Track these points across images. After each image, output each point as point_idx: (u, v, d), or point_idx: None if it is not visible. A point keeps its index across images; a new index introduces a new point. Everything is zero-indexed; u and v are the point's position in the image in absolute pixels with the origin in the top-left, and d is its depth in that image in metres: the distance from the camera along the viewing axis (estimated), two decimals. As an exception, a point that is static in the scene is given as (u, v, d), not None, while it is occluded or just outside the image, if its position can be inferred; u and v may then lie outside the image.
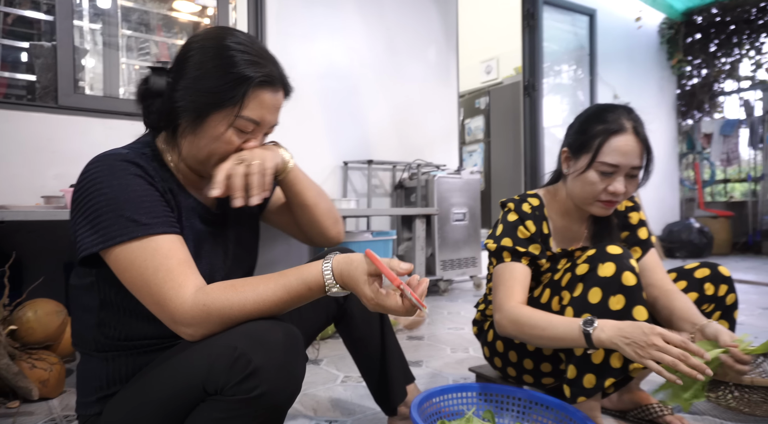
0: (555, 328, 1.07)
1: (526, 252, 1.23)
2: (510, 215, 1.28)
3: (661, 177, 5.86)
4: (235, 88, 0.81)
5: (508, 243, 1.23)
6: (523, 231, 1.24)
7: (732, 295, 1.29)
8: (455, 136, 3.99)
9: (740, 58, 5.69)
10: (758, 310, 2.73)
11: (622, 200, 1.21)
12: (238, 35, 0.87)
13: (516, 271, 1.21)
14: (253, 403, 0.70)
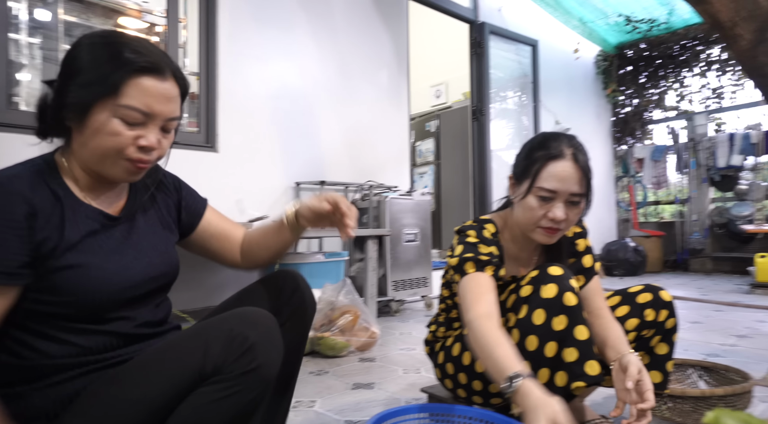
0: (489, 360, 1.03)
1: (489, 261, 1.21)
2: (469, 238, 1.28)
3: (600, 199, 6.19)
4: (111, 75, 0.80)
5: (469, 254, 1.22)
6: (483, 248, 1.24)
7: (672, 320, 1.35)
8: (406, 158, 4.07)
9: (666, 90, 6.16)
10: (687, 324, 2.92)
11: (565, 228, 1.22)
12: (127, 34, 0.87)
13: (481, 280, 1.18)
14: (251, 376, 0.76)
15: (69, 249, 0.81)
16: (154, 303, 0.97)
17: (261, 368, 0.78)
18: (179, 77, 0.88)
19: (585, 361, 1.12)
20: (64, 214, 0.83)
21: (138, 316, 0.91)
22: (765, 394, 1.68)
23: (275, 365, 0.81)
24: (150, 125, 0.84)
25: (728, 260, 5.62)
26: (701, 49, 5.81)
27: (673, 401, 1.41)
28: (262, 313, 0.84)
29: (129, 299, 0.89)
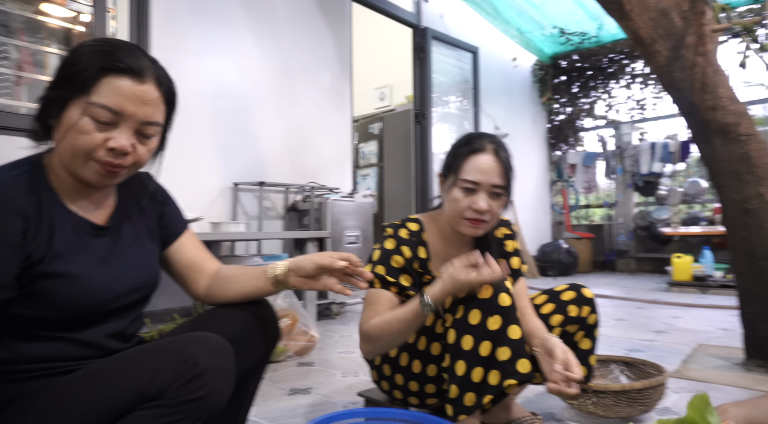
0: (400, 314, 1.17)
1: (396, 282, 1.27)
2: (388, 241, 1.33)
3: (535, 202, 6.46)
4: (85, 72, 0.79)
5: (380, 270, 1.28)
6: (397, 260, 1.29)
7: (594, 315, 1.42)
8: (349, 159, 4.06)
9: (596, 100, 6.53)
10: (613, 321, 3.09)
11: (490, 219, 1.28)
12: (122, 41, 0.86)
13: (382, 298, 1.26)
14: (195, 404, 0.72)
15: (55, 259, 0.81)
16: (131, 316, 0.94)
17: (208, 397, 0.74)
18: (163, 83, 0.86)
19: (517, 359, 1.16)
20: (52, 223, 0.82)
21: (110, 327, 0.89)
22: (677, 385, 1.80)
23: (224, 396, 0.77)
24: (122, 127, 0.81)
25: (650, 261, 6.02)
26: (627, 62, 6.20)
27: (597, 396, 1.49)
28: (217, 339, 0.81)
29: (109, 311, 0.88)
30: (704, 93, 1.89)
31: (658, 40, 1.93)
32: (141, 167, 0.89)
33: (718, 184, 2.00)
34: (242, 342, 0.97)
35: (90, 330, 0.86)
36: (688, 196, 5.67)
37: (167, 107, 0.89)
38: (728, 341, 2.46)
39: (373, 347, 1.23)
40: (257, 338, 1.01)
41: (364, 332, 1.23)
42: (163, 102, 0.86)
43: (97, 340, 0.87)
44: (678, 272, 4.52)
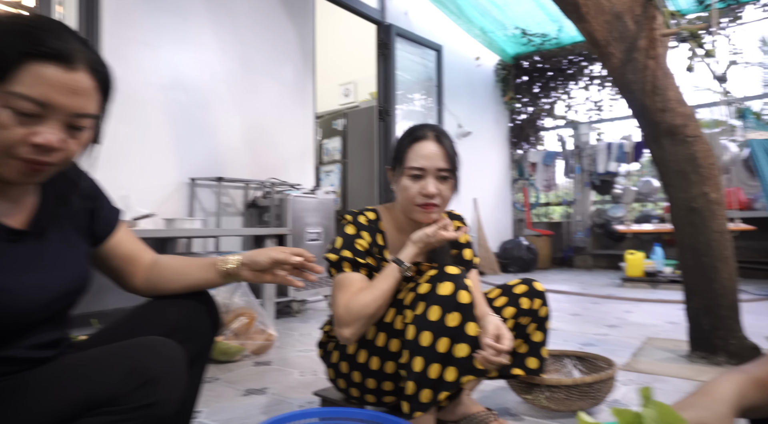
0: (378, 284, 1.23)
1: (366, 264, 1.30)
2: (348, 227, 1.35)
3: (497, 200, 6.56)
4: (2, 57, 0.69)
5: (347, 254, 1.30)
6: (360, 243, 1.32)
7: (545, 308, 1.47)
8: (311, 155, 4.01)
9: (556, 100, 6.69)
10: (568, 316, 3.17)
11: (441, 203, 1.31)
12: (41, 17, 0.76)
13: (355, 279, 1.28)
14: (145, 411, 0.70)
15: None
16: (60, 321, 0.87)
17: (158, 404, 0.71)
18: (98, 70, 0.76)
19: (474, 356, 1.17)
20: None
21: (38, 339, 0.82)
22: (626, 378, 1.86)
23: (175, 402, 0.75)
24: (49, 120, 0.71)
25: (605, 257, 6.22)
26: (585, 64, 6.37)
27: (550, 390, 1.51)
28: (168, 345, 0.77)
29: (34, 322, 0.80)
30: (655, 95, 1.96)
31: (612, 43, 1.98)
32: (70, 162, 0.80)
33: (667, 183, 2.07)
34: (182, 331, 0.94)
35: (14, 344, 0.78)
36: (641, 195, 5.88)
37: (102, 96, 0.79)
38: (675, 334, 2.57)
39: (356, 326, 1.22)
40: (197, 326, 0.98)
41: (345, 314, 1.23)
42: (97, 91, 0.77)
43: (22, 353, 0.79)
44: (631, 268, 4.68)
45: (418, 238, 1.27)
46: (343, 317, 1.23)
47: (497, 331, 1.21)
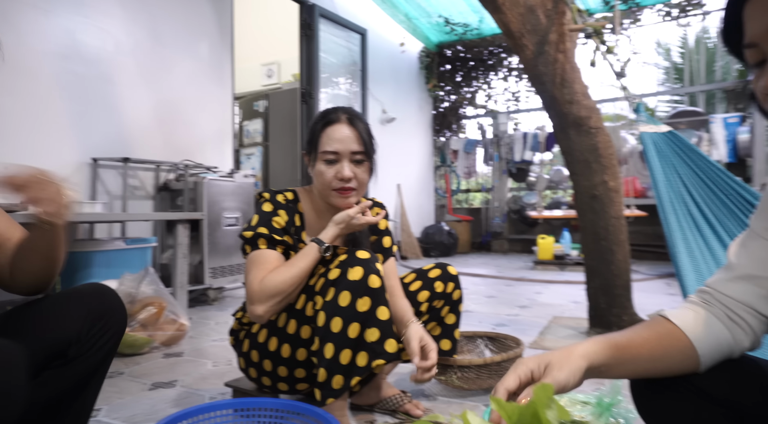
0: (297, 262, 1.21)
1: (282, 241, 1.27)
2: (265, 205, 1.32)
3: (420, 186, 6.69)
4: None
5: (264, 231, 1.26)
6: (278, 221, 1.29)
7: (458, 291, 1.52)
8: (229, 137, 3.84)
9: (477, 90, 6.89)
10: (484, 298, 3.32)
11: (357, 187, 1.30)
12: None
13: (271, 256, 1.24)
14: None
15: None
16: None
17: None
18: None
19: (385, 340, 1.18)
20: None
21: None
22: (533, 355, 1.97)
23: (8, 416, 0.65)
24: None
25: (520, 241, 6.57)
26: (504, 56, 6.61)
27: (462, 371, 1.57)
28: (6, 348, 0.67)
29: None
30: (563, 87, 2.06)
31: (525, 35, 2.05)
32: None
33: (572, 171, 2.20)
34: (80, 344, 0.85)
35: None
36: (553, 182, 6.25)
37: None
38: (578, 312, 2.76)
39: (270, 304, 1.19)
40: (98, 335, 0.89)
41: (259, 291, 1.19)
42: None
43: None
44: (542, 251, 4.98)
45: (340, 219, 1.26)
46: (256, 293, 1.19)
47: (422, 343, 1.24)
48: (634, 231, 5.42)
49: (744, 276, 0.68)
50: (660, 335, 0.68)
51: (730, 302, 0.69)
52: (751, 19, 0.54)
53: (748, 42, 0.54)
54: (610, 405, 1.11)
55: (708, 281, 0.73)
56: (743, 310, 0.68)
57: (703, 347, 0.66)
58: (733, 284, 0.69)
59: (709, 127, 5.14)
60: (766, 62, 0.53)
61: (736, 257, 0.70)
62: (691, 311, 0.70)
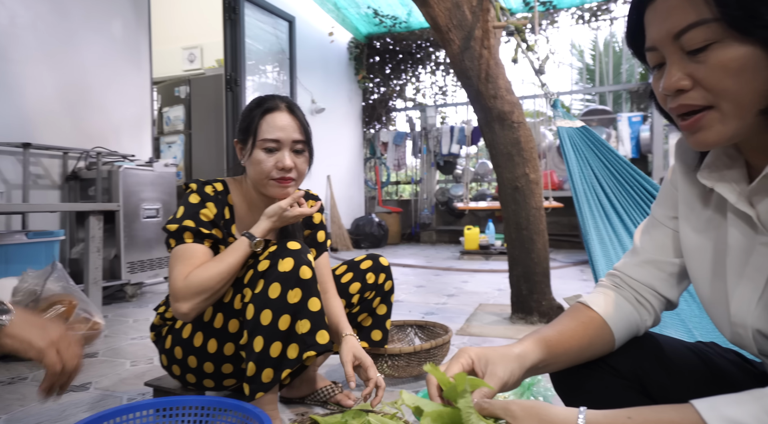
0: (226, 257, 1.17)
1: (210, 234, 1.21)
2: (192, 196, 1.25)
3: (350, 177, 6.68)
4: None
5: (190, 224, 1.20)
6: (205, 214, 1.22)
7: (389, 282, 1.53)
8: (148, 124, 3.61)
9: (406, 83, 6.98)
10: (414, 288, 3.38)
11: (297, 177, 1.27)
12: None
13: (197, 251, 1.19)
14: None
15: None
16: None
17: None
18: None
19: (317, 331, 1.17)
20: None
21: None
22: (460, 341, 2.04)
23: None
24: None
25: (448, 232, 6.76)
26: (432, 50, 6.73)
27: (392, 359, 1.59)
28: None
29: None
30: (488, 82, 2.13)
31: (452, 30, 2.10)
32: None
33: (496, 164, 2.29)
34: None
35: None
36: (478, 175, 6.48)
37: None
38: (502, 299, 2.89)
39: (196, 301, 1.14)
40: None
41: (184, 287, 1.13)
42: None
43: None
44: (468, 241, 5.16)
45: (272, 211, 1.21)
46: (181, 290, 1.13)
47: (355, 363, 1.23)
48: (551, 221, 5.77)
49: (647, 260, 0.74)
50: (585, 325, 0.72)
51: (636, 285, 0.75)
52: (651, 25, 0.57)
53: (648, 46, 0.59)
54: (531, 384, 1.18)
55: (616, 265, 0.79)
56: (647, 291, 0.74)
57: (618, 329, 0.72)
58: (638, 268, 0.75)
59: (616, 124, 5.56)
60: (664, 65, 0.57)
61: (641, 243, 0.76)
62: (603, 295, 0.76)
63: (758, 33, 0.49)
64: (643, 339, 0.75)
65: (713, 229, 0.66)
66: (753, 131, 0.55)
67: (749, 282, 0.60)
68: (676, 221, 0.73)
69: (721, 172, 0.62)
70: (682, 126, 0.58)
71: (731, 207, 0.62)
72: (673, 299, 0.75)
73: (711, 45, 0.52)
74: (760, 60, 0.50)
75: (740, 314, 0.61)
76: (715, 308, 0.65)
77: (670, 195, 0.74)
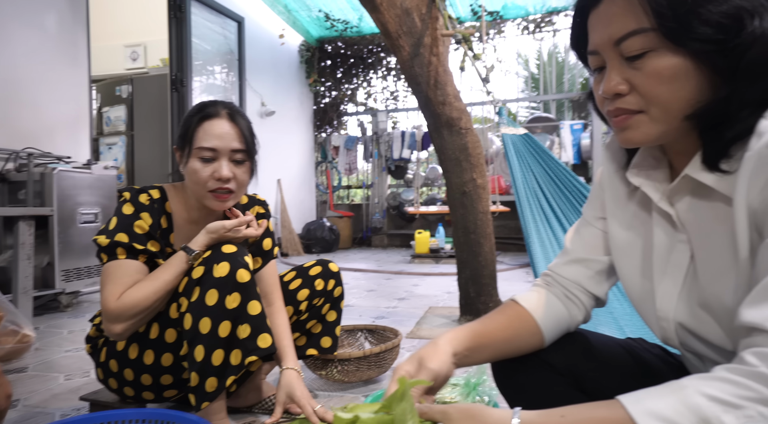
0: (161, 274, 1.12)
1: (144, 249, 1.15)
2: (125, 206, 1.18)
3: (301, 181, 6.61)
4: None
5: (123, 238, 1.13)
6: (140, 226, 1.16)
7: (339, 288, 1.51)
8: (86, 124, 3.44)
9: (357, 87, 6.99)
10: (365, 292, 3.39)
11: (236, 189, 1.22)
12: None
13: (130, 268, 1.13)
14: None
15: None
16: None
17: None
18: None
19: (258, 335, 1.14)
20: None
21: None
22: (410, 345, 2.07)
23: None
24: None
25: (399, 236, 6.81)
26: (383, 56, 6.79)
27: (342, 364, 1.59)
28: None
29: None
30: (437, 89, 2.18)
31: (402, 36, 2.13)
32: None
33: (445, 169, 2.34)
34: None
35: None
36: (428, 179, 6.58)
37: None
38: (451, 302, 2.95)
39: (130, 323, 1.09)
40: None
41: (116, 308, 1.08)
42: None
43: None
44: (419, 245, 5.22)
45: (214, 229, 1.16)
46: (113, 311, 1.08)
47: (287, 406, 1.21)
48: (498, 225, 5.94)
49: (577, 259, 0.78)
50: (511, 318, 0.76)
51: (566, 282, 0.79)
52: (594, 30, 0.61)
53: (590, 49, 0.62)
54: (476, 384, 1.21)
55: (549, 265, 0.84)
56: (577, 289, 0.78)
57: (546, 324, 0.76)
58: (568, 267, 0.79)
59: (559, 132, 5.81)
60: (605, 68, 0.60)
61: (571, 243, 0.81)
62: (535, 293, 0.79)
63: (690, 45, 0.53)
64: (576, 336, 0.79)
65: (640, 227, 0.70)
66: (677, 135, 0.59)
67: (670, 278, 0.64)
68: (604, 221, 0.77)
69: (647, 172, 0.67)
70: (613, 123, 0.61)
71: (655, 206, 0.66)
72: (601, 296, 0.79)
73: (647, 53, 0.55)
74: (690, 70, 0.54)
75: (664, 308, 0.65)
76: (643, 305, 0.70)
77: (598, 196, 0.78)
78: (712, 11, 0.52)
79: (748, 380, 0.45)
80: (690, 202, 0.62)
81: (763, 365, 0.45)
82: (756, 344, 0.47)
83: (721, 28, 0.52)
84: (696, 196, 0.61)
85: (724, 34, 0.52)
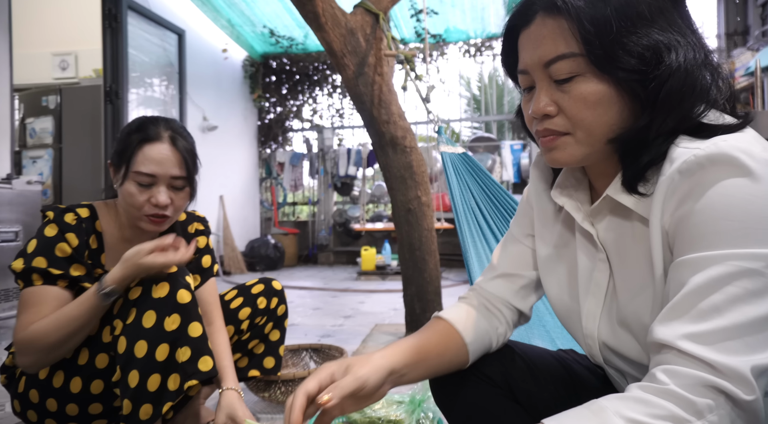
0: (69, 310, 1.03)
1: (64, 274, 1.07)
2: (48, 227, 1.10)
3: (245, 198, 6.46)
4: None
5: (41, 263, 1.06)
6: (62, 248, 1.09)
7: (282, 306, 1.48)
8: (6, 135, 3.21)
9: (303, 104, 6.97)
10: (310, 310, 3.33)
11: (172, 214, 1.18)
12: None
13: (47, 296, 1.05)
14: None
15: None
16: None
17: None
18: None
19: (198, 358, 1.09)
20: None
21: None
22: (356, 362, 2.04)
23: None
24: None
25: (345, 253, 6.77)
26: (329, 73, 6.82)
27: (286, 385, 1.55)
28: None
29: None
30: (381, 108, 2.21)
31: (347, 55, 2.15)
32: None
33: (390, 187, 2.36)
34: None
35: None
36: (375, 197, 6.62)
37: None
38: (397, 319, 2.95)
39: (36, 357, 1.01)
40: None
41: (23, 340, 1.00)
42: None
43: None
44: (365, 262, 5.21)
45: (129, 256, 1.04)
46: (19, 343, 1.01)
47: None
48: (443, 242, 6.03)
49: (501, 275, 0.81)
50: (440, 333, 0.76)
51: (491, 297, 0.81)
52: (524, 50, 0.62)
53: (521, 69, 0.63)
54: (421, 401, 1.21)
55: (476, 281, 0.85)
56: (501, 303, 0.80)
57: (469, 337, 0.76)
58: (492, 282, 0.81)
59: (500, 151, 6.03)
60: (534, 88, 0.62)
61: (497, 259, 0.83)
62: (459, 309, 0.80)
63: (614, 73, 0.55)
64: (513, 348, 0.80)
65: (564, 246, 0.73)
66: (599, 157, 0.62)
67: (593, 297, 0.67)
68: (531, 238, 0.80)
69: (569, 191, 0.69)
70: (541, 142, 0.63)
71: (578, 226, 0.69)
72: (525, 310, 0.81)
73: (575, 77, 0.57)
74: (614, 97, 0.57)
75: (589, 327, 0.67)
76: (570, 323, 0.72)
77: (526, 213, 0.81)
78: (635, 43, 0.55)
79: (658, 398, 0.47)
80: (610, 222, 0.64)
81: (672, 382, 0.47)
82: (666, 362, 0.49)
83: (643, 60, 0.55)
84: (615, 216, 0.63)
85: (645, 65, 0.55)
